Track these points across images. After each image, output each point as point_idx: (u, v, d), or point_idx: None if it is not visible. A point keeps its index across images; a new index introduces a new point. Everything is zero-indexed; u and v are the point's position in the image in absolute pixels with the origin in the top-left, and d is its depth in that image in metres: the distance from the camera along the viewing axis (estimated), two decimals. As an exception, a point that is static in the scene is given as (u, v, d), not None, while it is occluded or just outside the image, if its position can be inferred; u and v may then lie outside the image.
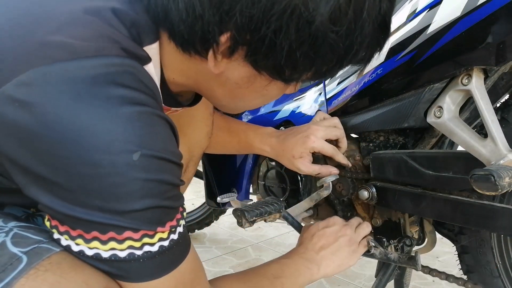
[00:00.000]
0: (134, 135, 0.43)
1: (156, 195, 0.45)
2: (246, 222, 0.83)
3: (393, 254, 0.85)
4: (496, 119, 0.67)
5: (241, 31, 0.46)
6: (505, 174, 0.59)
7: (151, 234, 0.46)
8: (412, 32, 0.73)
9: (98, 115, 0.42)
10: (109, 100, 0.42)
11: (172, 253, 0.49)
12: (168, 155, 0.46)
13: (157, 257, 0.47)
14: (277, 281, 0.71)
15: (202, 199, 1.52)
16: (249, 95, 0.57)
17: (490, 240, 0.80)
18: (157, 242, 0.47)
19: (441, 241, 0.93)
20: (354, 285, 1.34)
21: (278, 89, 0.56)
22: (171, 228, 0.48)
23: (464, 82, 0.70)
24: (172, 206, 0.48)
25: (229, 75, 0.53)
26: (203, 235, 1.78)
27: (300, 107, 0.99)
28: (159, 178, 0.45)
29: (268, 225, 1.86)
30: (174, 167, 0.48)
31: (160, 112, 0.47)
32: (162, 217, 0.47)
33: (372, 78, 0.81)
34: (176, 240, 0.49)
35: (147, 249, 0.46)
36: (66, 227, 0.46)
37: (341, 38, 0.47)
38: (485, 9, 0.62)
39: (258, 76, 0.52)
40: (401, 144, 0.87)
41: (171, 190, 0.47)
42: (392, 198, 0.83)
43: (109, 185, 0.42)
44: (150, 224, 0.46)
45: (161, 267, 0.49)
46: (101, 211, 0.43)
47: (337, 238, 0.81)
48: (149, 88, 0.47)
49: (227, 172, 1.15)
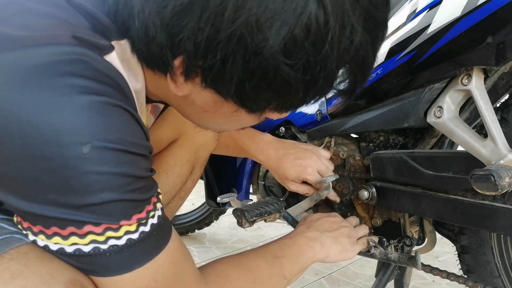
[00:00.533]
0: (84, 126, 0.41)
1: (115, 188, 0.43)
2: (246, 222, 0.83)
3: (393, 254, 0.85)
4: (496, 119, 0.67)
5: (191, 56, 0.44)
6: (505, 174, 0.59)
7: (115, 228, 0.45)
8: (412, 32, 0.73)
9: (46, 106, 0.40)
10: (57, 89, 0.40)
11: (144, 245, 0.47)
12: (126, 146, 0.44)
13: (125, 250, 0.46)
14: (276, 261, 0.69)
15: (202, 199, 1.52)
16: (220, 119, 0.55)
17: (490, 240, 0.80)
18: (124, 235, 0.45)
19: (441, 241, 0.93)
20: (354, 285, 1.34)
21: (249, 117, 0.53)
22: (139, 221, 0.47)
23: (464, 82, 0.70)
24: (138, 198, 0.46)
25: (194, 98, 0.51)
26: (203, 235, 1.78)
27: (300, 107, 0.99)
28: (115, 171, 0.43)
29: (268, 225, 1.86)
30: (135, 158, 0.46)
31: (118, 102, 0.44)
32: (126, 211, 0.45)
33: (372, 78, 0.81)
34: (149, 232, 0.48)
35: (113, 243, 0.45)
36: (28, 223, 0.45)
37: (298, 72, 0.43)
38: (485, 9, 0.62)
39: (224, 102, 0.49)
40: (401, 144, 0.87)
41: (134, 183, 0.45)
42: (392, 198, 0.83)
43: (62, 179, 0.41)
44: (112, 218, 0.44)
45: (131, 260, 0.47)
46: (57, 206, 0.42)
47: (340, 227, 0.82)
48: (107, 77, 0.44)
49: (227, 172, 1.15)
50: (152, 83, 0.53)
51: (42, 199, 0.42)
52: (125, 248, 0.46)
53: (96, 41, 0.45)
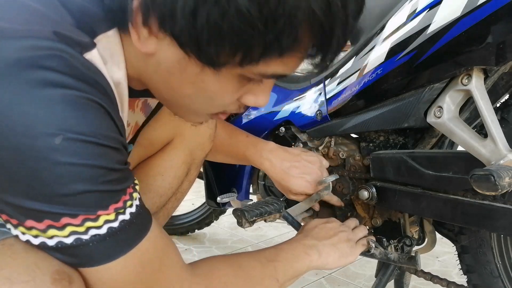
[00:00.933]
0: (56, 118, 0.41)
1: (87, 180, 0.43)
2: (246, 222, 0.83)
3: (393, 254, 0.85)
4: (496, 119, 0.67)
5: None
6: (505, 174, 0.59)
7: (93, 218, 0.45)
8: (412, 32, 0.73)
9: (18, 98, 0.40)
10: (31, 82, 0.40)
11: (125, 233, 0.48)
12: (98, 138, 0.44)
13: (108, 239, 0.46)
14: (270, 264, 0.69)
15: (202, 199, 1.52)
16: (187, 87, 0.53)
17: (490, 240, 0.80)
18: (104, 224, 0.46)
19: (441, 241, 0.93)
20: (354, 285, 1.34)
21: (215, 82, 0.51)
22: (116, 210, 0.47)
23: (464, 82, 0.70)
24: (113, 189, 0.47)
25: (159, 58, 0.50)
26: (203, 235, 1.78)
27: (300, 107, 0.99)
28: (88, 163, 0.43)
29: (268, 225, 1.86)
30: (108, 151, 0.46)
31: (93, 97, 0.45)
32: (102, 201, 0.46)
33: (372, 78, 0.81)
34: (129, 220, 0.48)
35: (94, 233, 0.45)
36: (6, 216, 0.45)
37: (254, 3, 0.41)
38: (485, 9, 0.62)
39: (187, 60, 0.48)
40: (401, 144, 0.87)
41: (107, 174, 0.46)
42: (392, 198, 0.83)
43: (34, 170, 0.41)
44: (88, 208, 0.44)
45: (115, 249, 0.48)
46: (29, 198, 0.42)
47: (337, 232, 0.81)
48: (83, 74, 0.44)
49: (227, 172, 1.15)
50: (130, 62, 0.53)
51: (15, 191, 0.42)
52: (107, 237, 0.46)
53: (77, 38, 0.45)
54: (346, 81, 0.88)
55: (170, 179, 0.88)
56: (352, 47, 0.90)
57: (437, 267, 1.46)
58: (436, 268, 1.45)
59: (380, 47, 0.79)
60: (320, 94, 0.94)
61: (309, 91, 0.98)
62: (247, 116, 1.10)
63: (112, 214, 0.47)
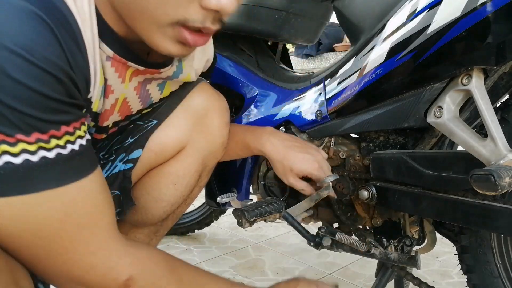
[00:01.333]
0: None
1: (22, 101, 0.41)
2: (246, 222, 0.83)
3: (393, 254, 0.85)
4: (496, 119, 0.67)
5: None
6: (505, 174, 0.59)
7: (28, 141, 0.43)
8: (412, 32, 0.73)
9: None
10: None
11: (59, 167, 0.45)
12: (36, 58, 0.41)
13: (36, 167, 0.44)
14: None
15: (202, 199, 1.52)
16: None
17: (490, 240, 0.80)
18: (38, 150, 0.44)
19: (441, 241, 0.93)
20: (354, 285, 1.34)
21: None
22: (66, 134, 0.46)
23: (464, 82, 0.70)
24: (50, 119, 0.44)
25: None
26: (203, 235, 1.78)
27: (300, 107, 0.99)
28: (22, 81, 0.41)
29: (268, 225, 1.86)
30: (45, 76, 0.43)
31: (51, 22, 0.43)
32: (35, 125, 0.43)
33: (372, 78, 0.81)
34: (67, 155, 0.46)
35: (26, 157, 0.43)
36: None
37: None
38: (485, 9, 0.62)
39: None
40: (401, 144, 0.87)
41: (45, 101, 0.43)
42: (392, 198, 0.83)
43: None
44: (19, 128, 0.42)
45: (42, 178, 0.45)
46: None
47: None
48: (51, 4, 0.43)
49: (227, 172, 1.15)
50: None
51: None
52: (40, 165, 0.44)
53: None
54: (346, 81, 0.88)
55: (182, 188, 0.87)
56: (352, 47, 0.90)
57: (437, 267, 1.46)
58: (436, 268, 1.45)
59: (380, 47, 0.80)
60: (320, 94, 0.94)
61: (309, 91, 0.98)
62: (247, 117, 1.10)
63: (52, 141, 0.44)
